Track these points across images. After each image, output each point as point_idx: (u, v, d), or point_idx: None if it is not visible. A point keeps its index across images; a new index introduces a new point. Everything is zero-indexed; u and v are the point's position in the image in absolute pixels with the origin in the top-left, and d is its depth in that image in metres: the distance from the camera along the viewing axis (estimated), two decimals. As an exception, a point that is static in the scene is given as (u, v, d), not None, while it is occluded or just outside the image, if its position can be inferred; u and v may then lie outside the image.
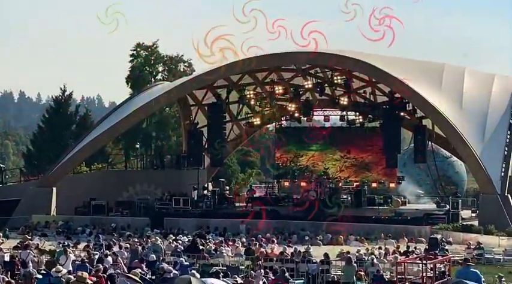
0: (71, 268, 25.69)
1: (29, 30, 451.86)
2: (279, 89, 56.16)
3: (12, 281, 18.78)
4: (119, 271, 23.03)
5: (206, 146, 58.78)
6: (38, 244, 34.59)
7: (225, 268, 28.42)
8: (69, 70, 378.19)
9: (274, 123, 61.73)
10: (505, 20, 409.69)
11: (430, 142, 56.99)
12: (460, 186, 66.96)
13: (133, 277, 18.24)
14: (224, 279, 22.15)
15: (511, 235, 42.83)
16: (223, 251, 34.53)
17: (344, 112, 57.21)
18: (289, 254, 32.41)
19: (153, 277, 23.00)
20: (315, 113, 58.00)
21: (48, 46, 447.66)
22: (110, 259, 28.11)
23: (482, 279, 22.17)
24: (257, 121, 60.05)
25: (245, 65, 53.52)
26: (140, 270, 21.95)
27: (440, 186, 58.97)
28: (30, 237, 37.29)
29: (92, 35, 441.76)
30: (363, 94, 58.24)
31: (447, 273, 24.38)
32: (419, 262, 25.59)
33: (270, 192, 58.52)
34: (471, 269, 19.91)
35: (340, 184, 56.36)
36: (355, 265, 27.34)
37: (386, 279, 26.05)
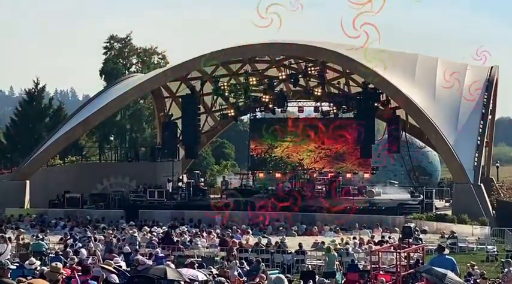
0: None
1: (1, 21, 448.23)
2: (253, 80, 56.12)
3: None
4: (94, 262, 22.94)
5: (181, 138, 58.76)
6: (11, 237, 34.42)
7: (200, 259, 28.45)
8: (42, 63, 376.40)
9: (248, 114, 61.82)
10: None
11: (403, 133, 57.32)
12: (433, 176, 67.48)
13: (107, 267, 18.23)
14: (199, 270, 22.18)
15: (484, 224, 43.19)
16: (198, 242, 34.56)
17: (318, 103, 57.42)
18: (264, 245, 32.56)
19: (128, 269, 22.95)
20: (289, 104, 58.12)
21: (20, 38, 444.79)
22: (84, 251, 28.05)
23: (457, 267, 22.35)
24: (231, 112, 60.11)
25: (218, 56, 53.58)
26: (114, 261, 21.87)
27: (414, 176, 59.33)
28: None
29: (64, 27, 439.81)
30: (337, 85, 58.50)
31: (421, 261, 24.50)
32: (393, 251, 25.72)
33: (245, 184, 58.59)
34: (446, 257, 19.99)
35: (314, 175, 56.52)
36: (335, 253, 27.47)
37: (361, 268, 26.12)
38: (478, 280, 22.97)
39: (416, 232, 38.47)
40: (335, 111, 57.25)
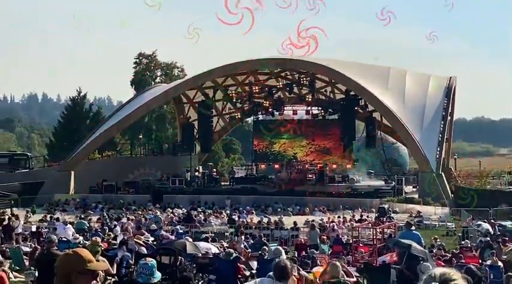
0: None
1: (51, 42, 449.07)
2: (255, 89, 56.14)
3: (38, 246, 18.74)
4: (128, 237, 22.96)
5: (197, 136, 58.74)
6: (58, 217, 34.55)
7: (213, 234, 28.44)
8: (84, 75, 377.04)
9: (252, 117, 61.78)
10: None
11: (379, 131, 57.26)
12: (403, 167, 67.33)
13: (138, 241, 18.28)
14: (212, 243, 22.19)
15: (444, 205, 43.17)
16: (212, 221, 34.55)
17: (309, 108, 57.39)
18: (265, 223, 32.57)
19: (154, 242, 22.97)
20: (285, 108, 58.09)
21: (66, 55, 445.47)
22: (118, 228, 28.08)
23: (422, 240, 22.36)
24: (238, 115, 60.07)
25: (228, 69, 53.72)
26: (144, 237, 21.90)
27: (387, 167, 59.27)
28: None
29: (101, 46, 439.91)
30: (324, 92, 58.46)
31: (393, 236, 24.51)
32: (371, 227, 25.73)
33: (249, 173, 58.57)
34: (413, 232, 19.98)
35: (306, 166, 56.51)
36: (318, 230, 27.45)
37: (344, 241, 26.14)
38: (437, 250, 22.98)
39: (389, 212, 38.57)
40: (323, 113, 57.21)
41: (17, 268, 18.01)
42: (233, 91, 57.46)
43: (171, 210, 38.76)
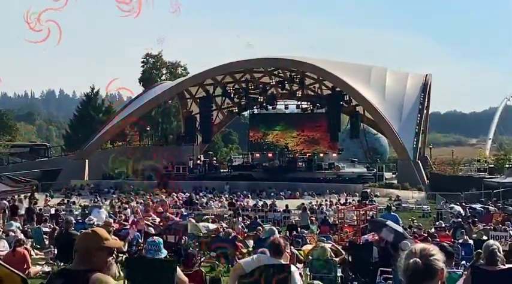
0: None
1: (68, 42, 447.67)
2: (251, 86, 56.11)
3: (57, 227, 18.74)
4: (137, 218, 22.95)
5: (199, 128, 58.72)
6: (75, 201, 34.52)
7: (213, 216, 28.43)
8: (97, 73, 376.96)
9: (248, 111, 61.76)
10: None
11: (362, 123, 57.30)
12: (384, 155, 67.52)
13: (146, 222, 18.30)
14: (213, 224, 22.17)
15: (420, 190, 43.31)
16: (212, 204, 34.57)
17: (299, 102, 57.40)
18: (260, 206, 32.60)
19: (161, 223, 22.96)
20: (277, 103, 58.09)
21: (81, 55, 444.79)
22: (128, 211, 28.03)
23: (400, 221, 22.42)
24: (235, 109, 60.02)
25: (227, 67, 53.68)
26: (151, 218, 21.89)
27: (369, 155, 59.38)
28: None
29: (113, 47, 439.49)
30: (313, 88, 58.44)
31: (374, 217, 24.54)
32: (354, 209, 25.77)
33: (245, 161, 58.58)
34: (392, 214, 20.03)
35: (296, 155, 56.56)
36: (308, 212, 27.51)
37: (331, 222, 26.19)
38: (415, 230, 23.03)
39: (371, 196, 38.64)
40: (311, 107, 57.25)
41: (38, 246, 18.01)
42: (231, 88, 57.41)
43: (175, 194, 38.76)
